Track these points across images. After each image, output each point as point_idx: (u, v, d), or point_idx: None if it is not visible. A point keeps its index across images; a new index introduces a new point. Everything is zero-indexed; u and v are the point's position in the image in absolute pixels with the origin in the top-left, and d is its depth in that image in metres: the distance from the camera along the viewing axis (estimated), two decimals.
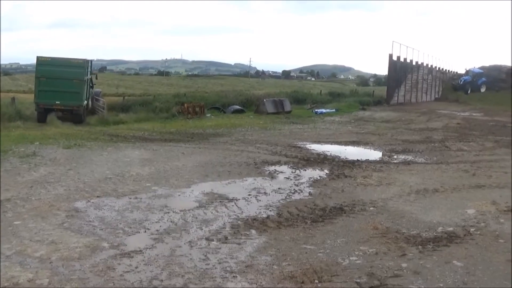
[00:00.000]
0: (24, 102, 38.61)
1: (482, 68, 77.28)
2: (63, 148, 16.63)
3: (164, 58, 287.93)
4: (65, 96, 31.29)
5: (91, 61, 37.10)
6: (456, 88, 71.61)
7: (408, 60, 57.51)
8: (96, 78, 40.71)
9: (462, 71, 79.21)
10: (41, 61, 32.72)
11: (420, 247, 8.00)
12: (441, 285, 6.62)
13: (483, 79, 71.73)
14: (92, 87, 36.97)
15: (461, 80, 72.39)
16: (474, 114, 43.40)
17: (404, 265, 7.21)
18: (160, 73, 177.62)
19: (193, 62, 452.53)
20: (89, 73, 34.68)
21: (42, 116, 31.36)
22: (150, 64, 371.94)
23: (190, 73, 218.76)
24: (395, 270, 7.02)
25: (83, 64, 32.87)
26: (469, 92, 69.24)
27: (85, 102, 32.73)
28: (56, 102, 31.18)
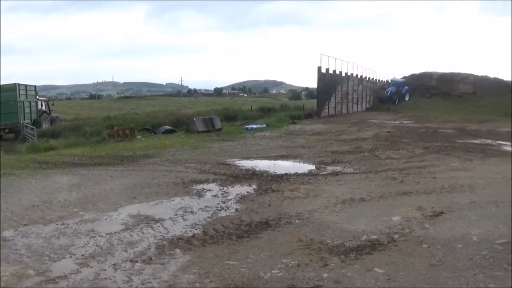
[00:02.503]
0: None
1: (412, 76, 78.64)
2: None
3: (95, 81, 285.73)
4: (4, 116, 37.91)
5: (34, 86, 44.82)
6: (383, 100, 72.03)
7: (337, 72, 57.97)
8: (53, 105, 49.17)
9: (400, 78, 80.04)
10: None
11: (342, 256, 8.09)
12: None
13: (406, 87, 72.93)
14: (48, 112, 45.35)
15: (387, 92, 73.09)
16: (405, 122, 44.07)
17: (325, 275, 7.30)
18: (92, 97, 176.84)
19: (125, 83, 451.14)
20: (26, 96, 41.38)
21: None
22: (82, 88, 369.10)
23: (122, 95, 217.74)
24: (316, 280, 7.11)
25: (14, 88, 39.62)
26: (397, 102, 70.07)
27: (23, 120, 38.04)
28: None
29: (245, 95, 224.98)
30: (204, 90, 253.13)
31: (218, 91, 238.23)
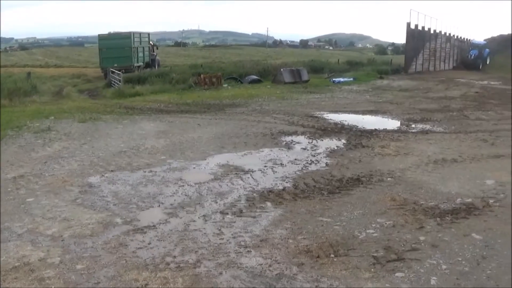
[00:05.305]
0: (41, 77, 39.53)
1: (501, 36, 76.35)
2: (78, 122, 16.58)
3: (181, 29, 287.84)
4: (119, 60, 43.94)
5: (148, 33, 54.06)
6: (467, 64, 69.06)
7: (426, 29, 56.86)
8: (157, 49, 58.49)
9: (482, 40, 77.40)
10: (101, 37, 48.12)
11: (438, 219, 7.78)
12: (460, 258, 6.40)
13: (487, 50, 70.32)
14: (154, 55, 53.42)
15: (470, 55, 70.21)
16: (492, 83, 42.75)
17: (422, 238, 7.01)
18: (178, 44, 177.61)
19: (211, 32, 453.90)
20: (140, 42, 48.88)
21: (106, 75, 41.72)
22: (168, 36, 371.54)
23: (207, 44, 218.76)
24: (412, 243, 6.82)
25: (129, 36, 46.58)
26: (480, 67, 67.44)
27: (135, 63, 46.18)
28: (114, 65, 41.77)
29: (331, 48, 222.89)
30: (289, 41, 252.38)
31: (303, 43, 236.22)
